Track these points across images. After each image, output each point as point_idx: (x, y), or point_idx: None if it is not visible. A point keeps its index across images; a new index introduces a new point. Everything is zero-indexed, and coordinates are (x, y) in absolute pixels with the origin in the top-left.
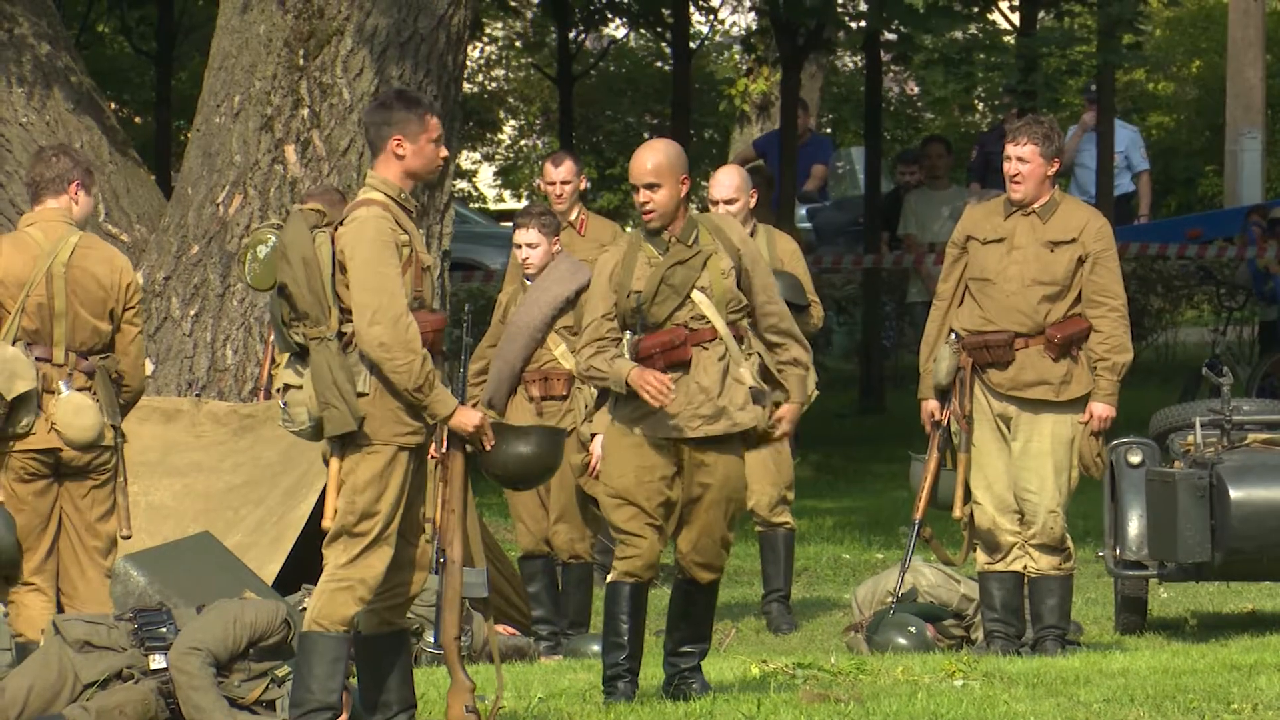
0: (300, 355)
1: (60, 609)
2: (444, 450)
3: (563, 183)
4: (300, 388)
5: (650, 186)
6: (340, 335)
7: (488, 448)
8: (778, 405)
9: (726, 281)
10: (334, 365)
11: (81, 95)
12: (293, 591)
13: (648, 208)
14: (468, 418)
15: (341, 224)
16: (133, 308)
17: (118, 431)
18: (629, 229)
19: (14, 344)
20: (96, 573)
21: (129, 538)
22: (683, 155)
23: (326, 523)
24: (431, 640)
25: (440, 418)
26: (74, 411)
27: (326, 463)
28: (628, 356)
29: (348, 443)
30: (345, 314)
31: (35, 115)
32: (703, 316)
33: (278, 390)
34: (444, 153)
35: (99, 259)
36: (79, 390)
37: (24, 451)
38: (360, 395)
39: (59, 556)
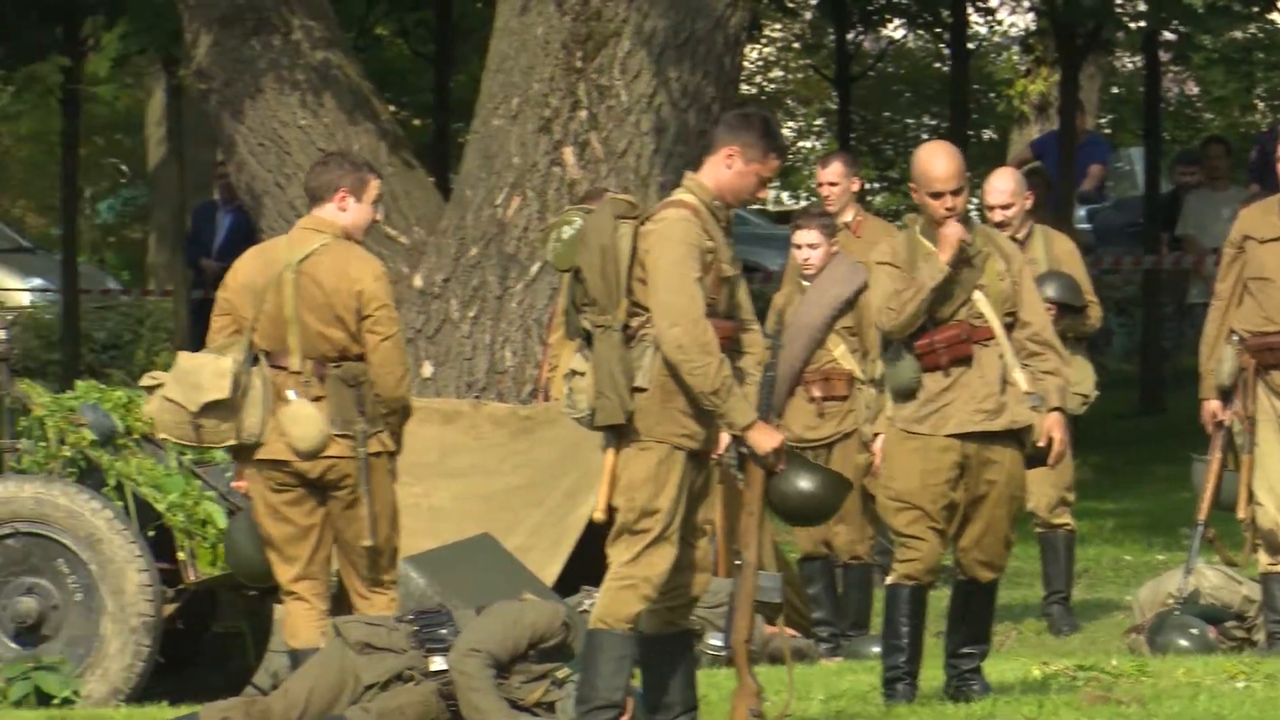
0: (589, 342)
1: None
2: (725, 453)
3: (830, 184)
4: (584, 374)
5: (955, 192)
6: (625, 328)
7: (777, 471)
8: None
9: (1002, 284)
10: (613, 357)
11: (359, 98)
12: (572, 593)
13: (952, 212)
14: (767, 437)
15: (648, 220)
16: (370, 315)
17: (361, 441)
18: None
19: (249, 350)
20: (367, 585)
21: (371, 547)
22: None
23: (597, 514)
24: (713, 642)
25: (738, 427)
26: (293, 420)
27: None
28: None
29: (623, 436)
30: (634, 308)
31: (313, 118)
32: (981, 315)
33: (565, 376)
34: (763, 193)
35: (330, 266)
36: (312, 399)
37: (263, 461)
38: (638, 390)
39: (339, 569)
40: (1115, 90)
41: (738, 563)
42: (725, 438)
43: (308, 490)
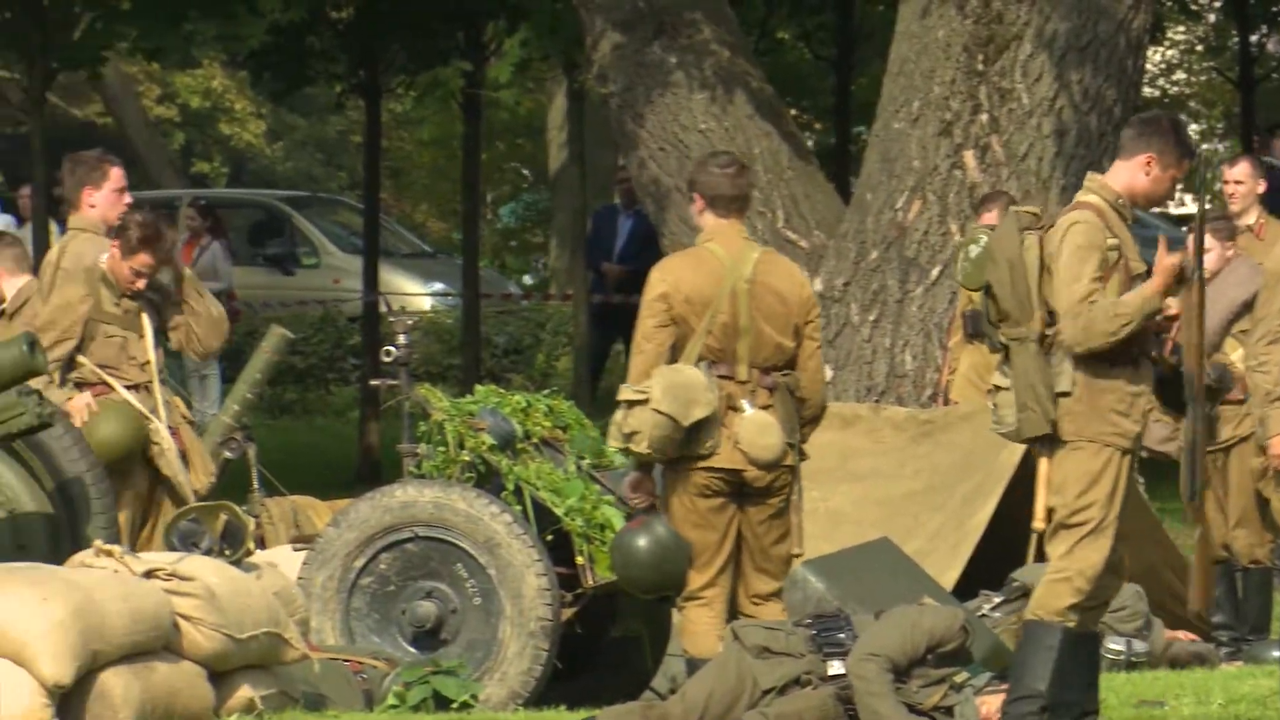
0: (1007, 356)
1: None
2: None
3: (1236, 182)
4: (1008, 389)
5: None
6: (1042, 338)
7: None
8: None
9: None
10: (1031, 368)
11: (760, 101)
12: (971, 598)
13: None
14: None
15: (1052, 226)
16: (812, 321)
17: (796, 450)
18: None
19: (697, 363)
20: (761, 593)
21: (800, 555)
22: None
23: (1037, 524)
24: (1112, 646)
25: None
26: (758, 430)
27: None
28: None
29: (1052, 443)
30: (1050, 317)
31: (715, 122)
32: None
33: (988, 391)
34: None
35: (781, 273)
36: (761, 408)
37: (708, 470)
38: (1063, 395)
39: (732, 576)
40: None
41: None
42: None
43: (730, 498)
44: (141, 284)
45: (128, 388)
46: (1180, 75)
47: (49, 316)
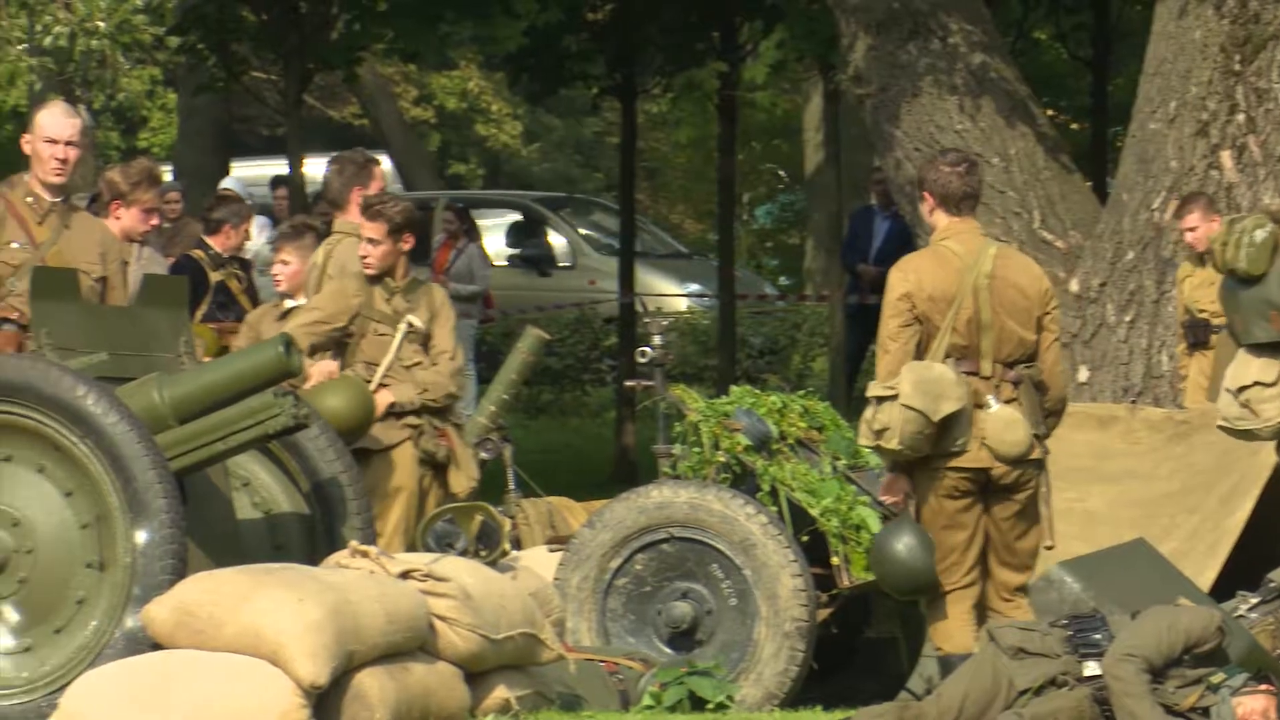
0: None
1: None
2: None
3: None
4: (1270, 384)
5: None
6: None
7: None
8: None
9: None
10: None
11: (1016, 102)
12: (1228, 599)
13: None
14: None
15: None
16: (1050, 313)
17: (1042, 443)
18: None
19: (944, 360)
20: (1009, 587)
21: (1051, 548)
22: None
23: None
24: None
25: None
26: (1004, 426)
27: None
28: None
29: None
30: None
31: (970, 122)
32: None
33: (1240, 389)
34: None
35: (1019, 268)
36: (1006, 403)
37: (956, 470)
38: None
39: (980, 571)
40: None
41: None
42: None
43: (977, 496)
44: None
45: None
46: None
47: (316, 302)
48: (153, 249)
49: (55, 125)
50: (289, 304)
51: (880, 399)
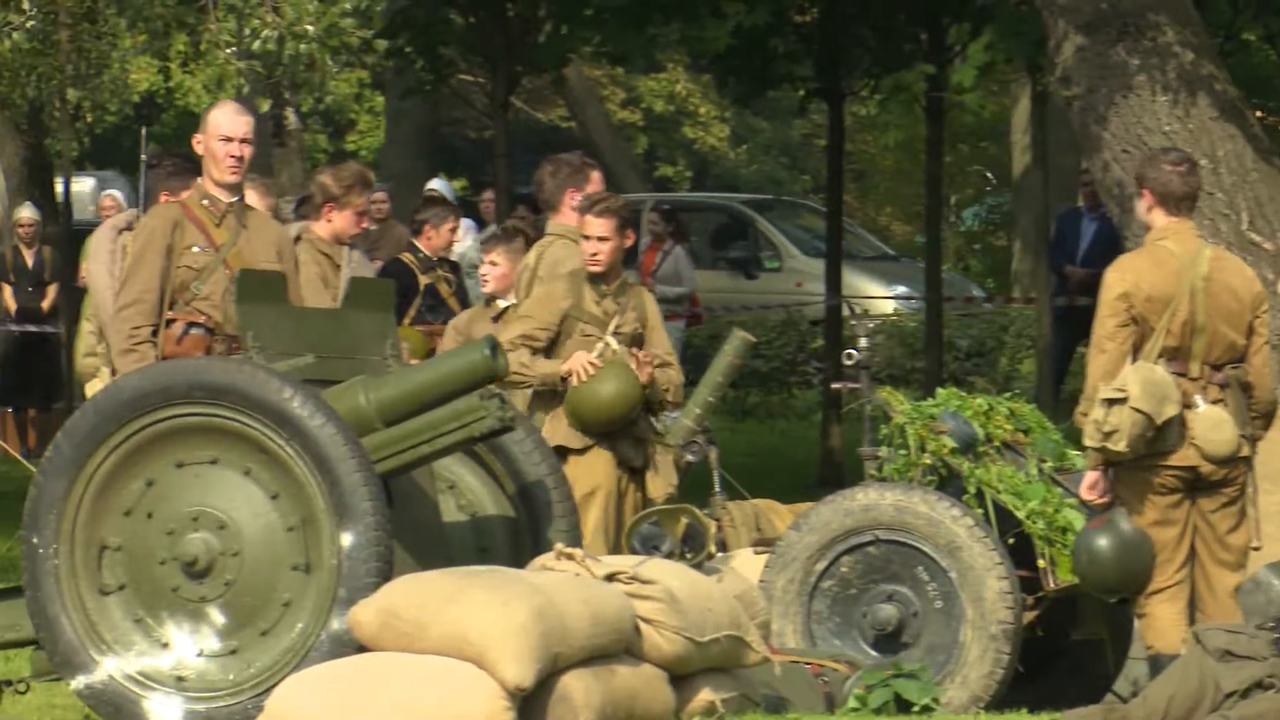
0: None
1: (1191, 621)
2: None
3: None
4: None
5: None
6: None
7: None
8: None
9: None
10: None
11: (1224, 103)
12: None
13: None
14: None
15: None
16: (1260, 316)
17: (1249, 441)
18: None
19: (1156, 361)
20: (1224, 586)
21: (1259, 548)
22: None
23: None
24: None
25: None
26: (1212, 426)
27: None
28: None
29: None
30: None
31: (1178, 124)
32: None
33: None
34: None
35: (1233, 271)
36: (1213, 403)
37: (1165, 468)
38: None
39: (1190, 569)
40: None
41: None
42: None
43: (1185, 493)
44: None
45: None
46: None
47: (527, 310)
48: (360, 253)
49: (230, 123)
50: (501, 304)
51: (1110, 401)
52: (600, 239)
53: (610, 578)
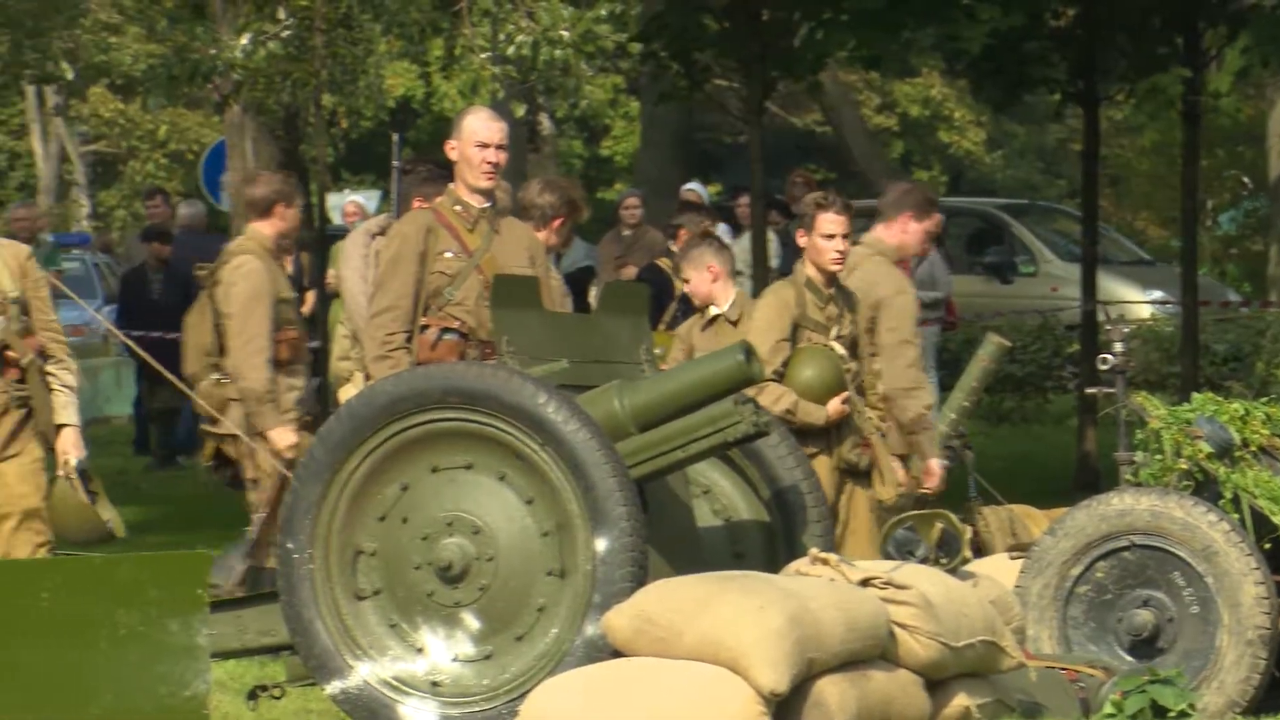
0: None
1: None
2: None
3: None
4: None
5: None
6: None
7: None
8: None
9: None
10: None
11: None
12: None
13: None
14: None
15: None
16: None
17: None
18: None
19: None
20: None
21: None
22: None
23: None
24: None
25: None
26: None
27: None
28: None
29: None
30: None
31: None
32: None
33: None
34: None
35: None
36: None
37: None
38: None
39: None
40: None
41: None
42: None
43: None
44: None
45: None
46: None
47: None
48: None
49: (484, 129)
50: (713, 311)
51: None
52: (845, 236)
53: (865, 583)
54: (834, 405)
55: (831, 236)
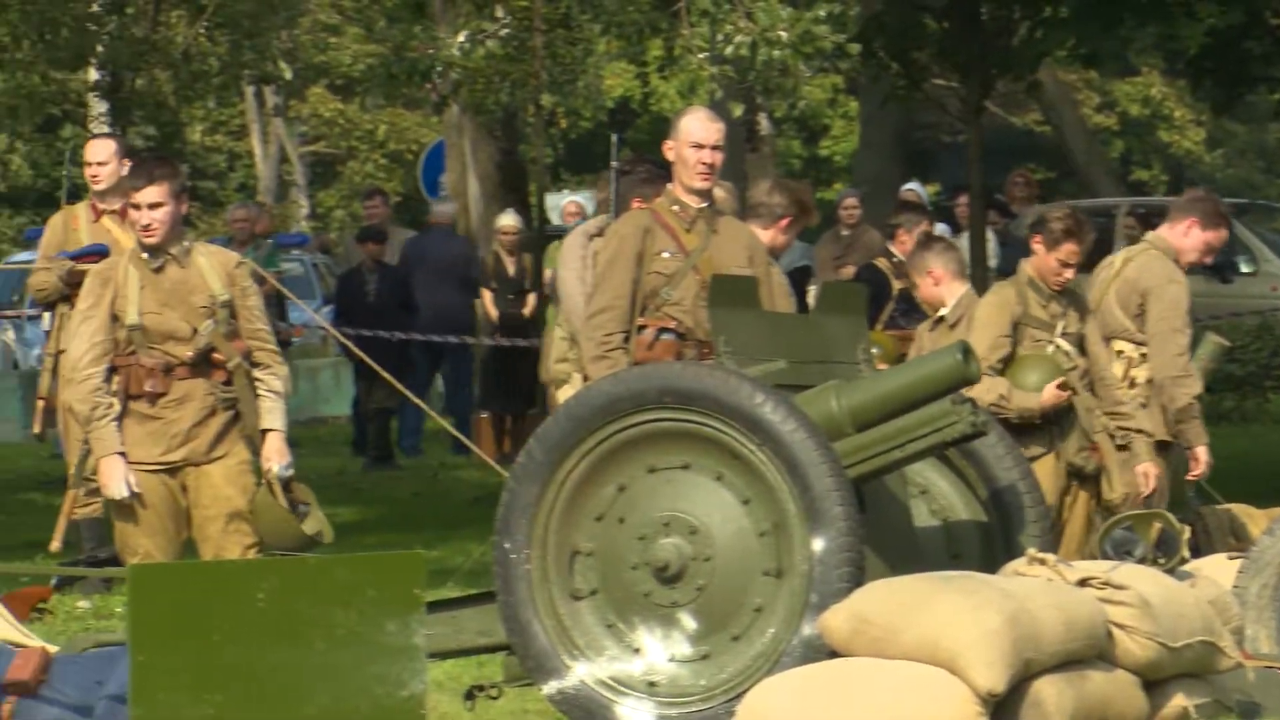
0: None
1: None
2: None
3: None
4: None
5: None
6: None
7: None
8: None
9: None
10: None
11: None
12: None
13: None
14: None
15: None
16: None
17: None
18: None
19: None
20: None
21: None
22: None
23: None
24: None
25: None
26: None
27: None
28: None
29: None
30: None
31: None
32: None
33: None
34: None
35: None
36: None
37: None
38: None
39: None
40: None
41: None
42: None
43: None
44: (1069, 274)
45: None
46: None
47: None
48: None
49: (701, 130)
50: (941, 312)
51: None
52: (1077, 265)
53: (1083, 583)
54: (1049, 392)
55: (1067, 265)
